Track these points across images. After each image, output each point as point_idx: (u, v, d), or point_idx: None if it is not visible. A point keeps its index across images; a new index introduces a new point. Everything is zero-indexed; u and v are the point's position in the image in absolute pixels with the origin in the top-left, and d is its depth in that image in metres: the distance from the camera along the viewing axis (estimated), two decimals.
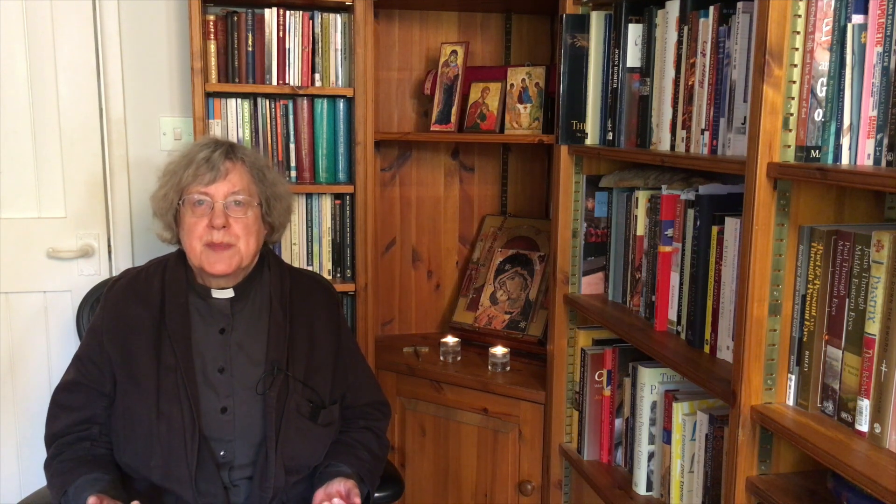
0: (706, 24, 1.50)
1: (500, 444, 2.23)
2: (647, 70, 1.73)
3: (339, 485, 1.54)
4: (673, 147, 1.62)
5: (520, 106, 2.29)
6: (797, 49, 1.20)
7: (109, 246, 2.35)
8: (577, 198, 2.01)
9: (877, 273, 1.12)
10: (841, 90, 1.17)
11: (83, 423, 1.56)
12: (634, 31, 1.76)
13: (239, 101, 2.20)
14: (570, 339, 2.07)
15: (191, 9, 2.07)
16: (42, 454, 1.58)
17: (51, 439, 1.57)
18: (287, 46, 2.19)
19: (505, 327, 2.43)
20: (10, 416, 2.32)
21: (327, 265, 2.31)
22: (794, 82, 1.21)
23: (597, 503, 1.90)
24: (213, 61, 2.16)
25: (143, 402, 1.52)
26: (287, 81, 2.21)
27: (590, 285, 2.04)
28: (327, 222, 2.29)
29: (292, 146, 2.25)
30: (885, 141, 1.12)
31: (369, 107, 2.22)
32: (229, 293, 1.61)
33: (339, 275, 2.31)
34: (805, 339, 1.27)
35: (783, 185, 1.25)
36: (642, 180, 1.80)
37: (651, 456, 1.77)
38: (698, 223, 1.55)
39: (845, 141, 1.18)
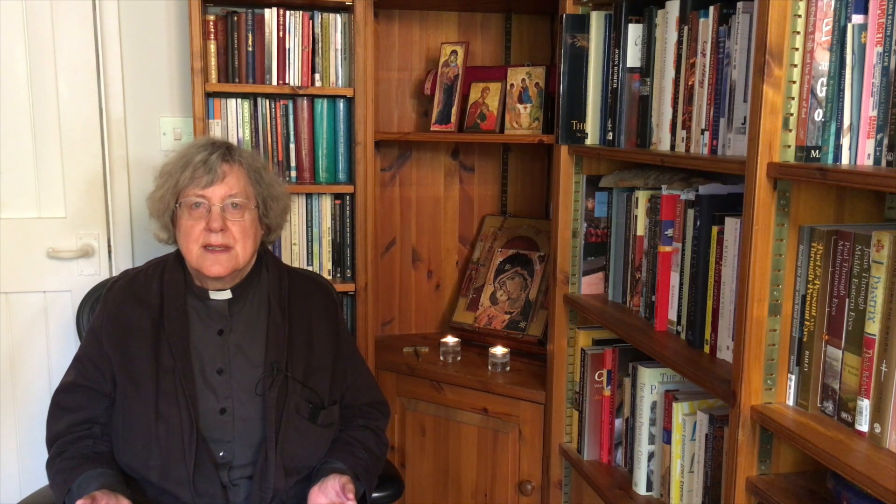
0: (706, 24, 1.50)
1: (500, 444, 2.23)
2: (647, 70, 1.73)
3: (334, 481, 1.54)
4: (673, 147, 1.62)
5: (520, 106, 2.28)
6: (797, 49, 1.20)
7: (109, 246, 2.35)
8: (577, 198, 2.01)
9: (877, 273, 1.12)
10: (841, 90, 1.17)
11: (84, 423, 1.56)
12: (634, 31, 1.76)
13: (239, 101, 2.20)
14: (570, 339, 2.07)
15: (191, 9, 2.07)
16: (42, 454, 1.58)
17: (52, 440, 1.57)
18: (287, 46, 2.19)
19: (505, 327, 2.43)
20: (10, 416, 2.32)
21: (327, 265, 2.31)
22: (794, 82, 1.21)
23: (597, 503, 1.90)
24: (213, 61, 2.16)
25: (141, 403, 1.52)
26: (287, 81, 2.21)
27: (590, 285, 2.04)
28: (327, 222, 2.29)
29: (292, 146, 2.25)
30: (885, 141, 1.12)
31: (369, 107, 2.22)
32: (227, 294, 1.61)
33: (339, 275, 2.31)
34: (805, 339, 1.27)
35: (783, 185, 1.25)
36: (642, 180, 1.80)
37: (651, 456, 1.77)
38: (698, 223, 1.54)
39: (845, 141, 1.18)
